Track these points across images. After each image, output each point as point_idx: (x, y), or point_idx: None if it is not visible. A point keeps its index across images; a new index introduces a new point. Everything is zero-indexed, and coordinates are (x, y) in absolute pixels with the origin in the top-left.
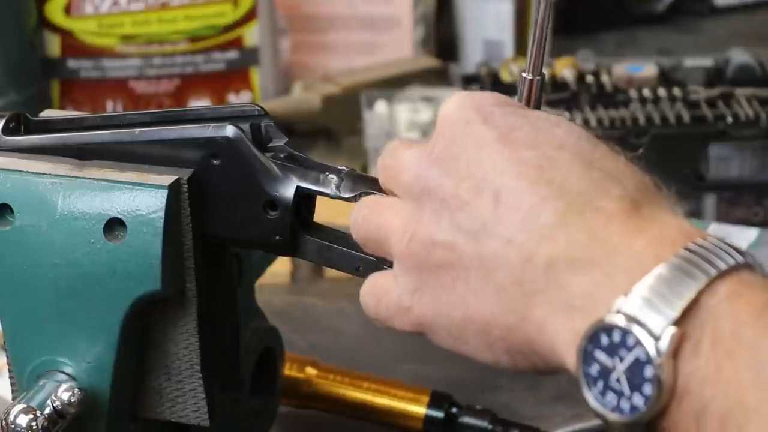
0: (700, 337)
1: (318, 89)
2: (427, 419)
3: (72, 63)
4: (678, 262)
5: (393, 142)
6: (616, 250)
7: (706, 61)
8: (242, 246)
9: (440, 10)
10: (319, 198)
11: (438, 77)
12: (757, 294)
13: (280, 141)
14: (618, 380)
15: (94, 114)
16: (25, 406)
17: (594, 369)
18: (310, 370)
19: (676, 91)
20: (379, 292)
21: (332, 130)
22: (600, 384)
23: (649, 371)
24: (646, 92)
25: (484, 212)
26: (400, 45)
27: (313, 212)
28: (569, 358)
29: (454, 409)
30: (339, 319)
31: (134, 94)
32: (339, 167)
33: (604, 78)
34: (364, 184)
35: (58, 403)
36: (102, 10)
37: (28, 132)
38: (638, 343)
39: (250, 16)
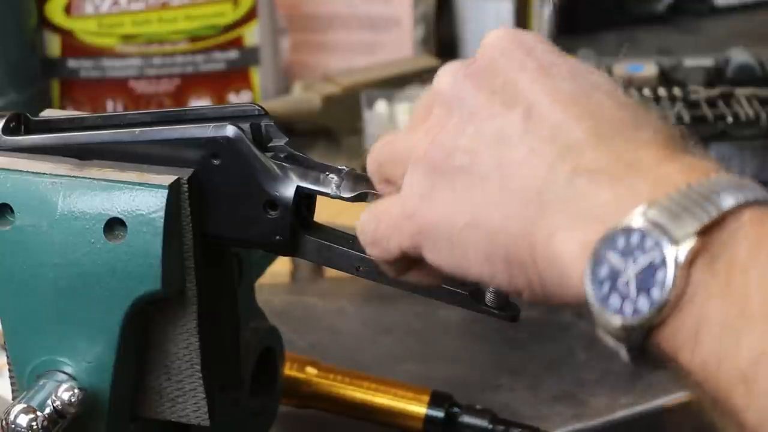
0: (717, 254)
1: (318, 89)
2: (428, 419)
3: (72, 63)
4: (709, 184)
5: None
6: (645, 171)
7: (706, 61)
8: (242, 246)
9: (440, 9)
10: (319, 198)
11: None
12: None
13: (280, 141)
14: (626, 283)
15: (94, 114)
16: (25, 405)
17: (603, 270)
18: (310, 370)
19: (677, 91)
20: (380, 212)
21: (332, 130)
22: (606, 286)
23: (661, 275)
24: (647, 92)
25: (513, 125)
26: (400, 45)
27: (313, 212)
28: (572, 268)
29: (454, 409)
30: (339, 319)
31: (134, 94)
32: (339, 167)
33: None
34: (365, 183)
35: (58, 402)
36: (102, 9)
37: (28, 132)
38: (657, 245)
39: (250, 15)
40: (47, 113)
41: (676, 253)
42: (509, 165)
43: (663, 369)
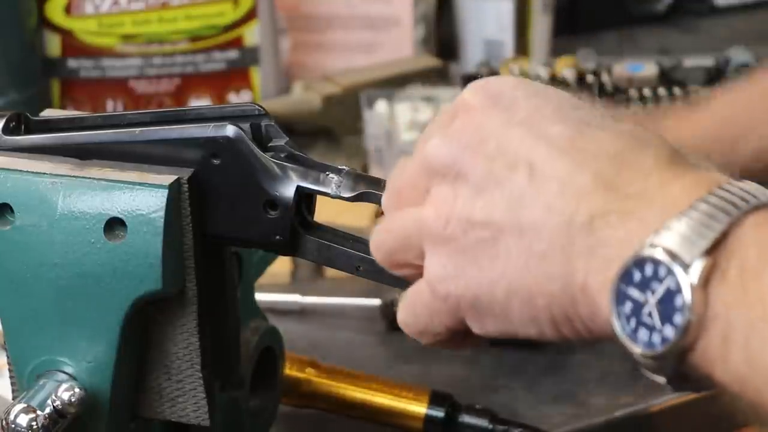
0: (727, 266)
1: (318, 89)
2: (428, 419)
3: (72, 63)
4: (712, 200)
5: (399, 162)
6: (652, 198)
7: (706, 61)
8: (242, 245)
9: (440, 9)
10: (319, 198)
11: (438, 77)
12: None
13: (280, 140)
14: (650, 314)
15: (94, 114)
16: (25, 405)
17: (627, 307)
18: (310, 370)
19: (677, 91)
20: (412, 303)
21: (332, 130)
22: (632, 322)
23: (679, 300)
24: (647, 92)
25: (520, 186)
26: (400, 45)
27: (313, 212)
28: (604, 310)
29: (454, 409)
30: (339, 319)
31: (134, 93)
32: (339, 167)
33: (605, 77)
34: (365, 183)
35: (58, 402)
36: (102, 9)
37: (28, 131)
38: (670, 272)
39: (250, 15)
40: (47, 113)
41: (688, 275)
42: (528, 228)
43: (706, 390)
